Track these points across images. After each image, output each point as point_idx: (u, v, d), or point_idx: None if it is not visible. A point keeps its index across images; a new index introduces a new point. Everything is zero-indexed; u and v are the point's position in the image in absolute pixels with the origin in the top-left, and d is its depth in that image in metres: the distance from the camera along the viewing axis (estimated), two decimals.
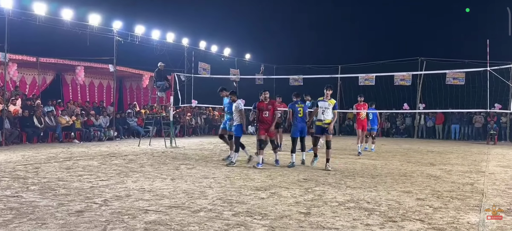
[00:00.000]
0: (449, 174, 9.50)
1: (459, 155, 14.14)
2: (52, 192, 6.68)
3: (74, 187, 7.08)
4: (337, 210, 5.80)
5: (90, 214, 5.29)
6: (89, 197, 6.34)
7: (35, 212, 5.34)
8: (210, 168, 9.84)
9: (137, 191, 6.87)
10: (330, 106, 10.06)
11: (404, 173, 9.48)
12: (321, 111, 10.05)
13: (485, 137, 21.70)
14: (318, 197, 6.64)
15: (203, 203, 6.03)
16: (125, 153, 13.03)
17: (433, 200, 6.58)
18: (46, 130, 16.57)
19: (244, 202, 6.14)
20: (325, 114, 10.01)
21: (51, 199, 6.13)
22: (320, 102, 10.13)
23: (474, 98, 19.63)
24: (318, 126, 10.15)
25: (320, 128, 10.12)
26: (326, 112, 10.00)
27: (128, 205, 5.87)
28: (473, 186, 7.98)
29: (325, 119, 10.01)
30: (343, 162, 11.55)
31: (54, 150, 13.59)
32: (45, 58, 17.95)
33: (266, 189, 7.24)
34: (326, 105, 10.05)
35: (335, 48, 30.15)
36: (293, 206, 5.95)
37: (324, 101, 10.12)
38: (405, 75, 23.55)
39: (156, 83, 16.93)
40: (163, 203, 5.99)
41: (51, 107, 17.72)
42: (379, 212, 5.69)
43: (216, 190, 7.07)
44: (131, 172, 8.98)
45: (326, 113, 10.00)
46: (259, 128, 10.40)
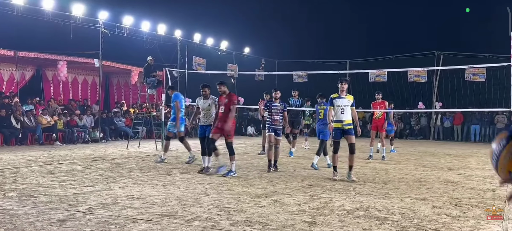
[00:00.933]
0: (469, 179, 9.50)
1: (480, 159, 14.14)
2: (32, 199, 6.67)
3: (56, 194, 7.07)
4: (345, 219, 5.80)
5: (73, 224, 5.29)
6: (72, 204, 6.33)
7: (12, 221, 5.34)
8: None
9: (125, 198, 6.87)
10: (349, 103, 9.24)
11: (419, 179, 9.48)
12: (340, 110, 9.18)
13: None
14: (324, 204, 6.64)
15: (197, 211, 6.03)
16: (112, 156, 13.02)
17: (450, 208, 6.59)
18: (25, 130, 16.57)
19: (243, 210, 6.14)
20: (345, 114, 9.16)
21: (30, 207, 6.12)
22: (337, 100, 9.26)
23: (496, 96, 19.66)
24: (337, 129, 9.22)
25: (340, 131, 9.20)
26: (346, 111, 9.17)
27: (115, 213, 5.86)
28: (495, 192, 7.98)
29: (345, 119, 9.17)
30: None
31: (33, 152, 13.58)
32: (24, 52, 17.94)
33: (267, 196, 7.24)
34: (345, 102, 9.21)
35: (343, 41, 30.20)
36: (297, 215, 5.95)
37: (341, 98, 9.25)
38: (420, 71, 23.55)
39: (146, 80, 16.93)
40: (153, 211, 5.98)
41: (30, 106, 17.73)
42: (391, 221, 5.69)
43: (212, 197, 7.07)
44: (118, 177, 8.98)
45: (346, 112, 9.16)
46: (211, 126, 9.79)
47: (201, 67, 23.38)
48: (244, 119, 27.66)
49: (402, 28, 30.63)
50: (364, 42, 30.31)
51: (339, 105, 9.20)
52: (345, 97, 9.25)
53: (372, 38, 30.82)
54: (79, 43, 18.92)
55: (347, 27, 31.44)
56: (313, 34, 32.32)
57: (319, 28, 32.18)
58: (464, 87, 22.68)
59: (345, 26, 31.50)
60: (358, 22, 31.90)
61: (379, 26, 31.66)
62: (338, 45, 29.86)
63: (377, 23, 31.81)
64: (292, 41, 31.12)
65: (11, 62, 18.69)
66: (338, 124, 9.19)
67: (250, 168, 10.85)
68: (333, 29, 31.59)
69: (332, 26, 31.52)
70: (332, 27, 31.58)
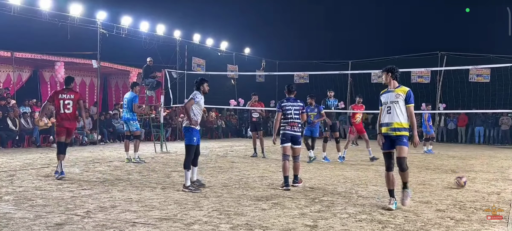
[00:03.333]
0: (473, 182, 9.49)
1: (484, 161, 14.13)
2: (29, 202, 6.67)
3: (53, 197, 7.07)
4: (347, 222, 5.80)
5: (71, 227, 5.29)
6: (70, 208, 6.33)
7: (9, 225, 5.33)
8: (205, 175, 9.82)
9: (124, 201, 6.86)
10: (400, 99, 6.83)
11: (423, 181, 9.47)
12: (386, 109, 6.91)
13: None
14: (326, 208, 6.64)
15: (197, 215, 6.02)
16: (110, 159, 13.02)
17: (454, 211, 6.58)
18: (21, 133, 16.58)
19: (243, 214, 6.13)
20: (394, 115, 6.80)
21: (27, 211, 6.12)
22: (384, 95, 7.05)
23: (501, 98, 19.66)
24: (386, 136, 6.86)
25: (389, 140, 6.82)
26: (395, 109, 6.81)
27: (113, 217, 5.86)
28: (499, 195, 7.97)
29: (394, 121, 6.79)
30: (354, 169, 11.55)
31: (30, 155, 13.58)
32: (21, 53, 17.95)
33: (268, 199, 7.24)
34: (393, 97, 6.87)
35: (345, 42, 30.16)
36: (298, 218, 5.95)
37: (390, 92, 6.97)
38: (423, 72, 23.55)
39: (144, 81, 16.93)
40: (152, 215, 5.98)
41: (27, 108, 17.72)
42: (394, 225, 5.69)
43: (212, 200, 7.07)
44: (116, 180, 8.97)
45: (395, 112, 6.80)
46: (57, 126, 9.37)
47: (200, 68, 23.39)
48: (245, 121, 27.65)
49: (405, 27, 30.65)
50: (367, 42, 30.29)
51: (385, 102, 6.96)
52: (394, 91, 6.93)
53: (374, 38, 30.82)
54: (76, 44, 18.93)
55: (349, 27, 31.45)
56: (315, 35, 32.33)
57: (321, 29, 32.17)
58: (468, 88, 22.66)
59: (347, 26, 31.51)
60: (360, 22, 31.93)
61: (381, 27, 31.67)
62: (340, 45, 29.86)
63: (380, 23, 31.82)
64: (293, 41, 31.16)
65: (7, 63, 18.69)
66: (385, 128, 6.86)
67: (250, 170, 10.85)
68: (335, 29, 31.58)
69: (334, 27, 31.52)
70: (334, 28, 31.58)
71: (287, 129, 8.42)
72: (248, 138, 25.24)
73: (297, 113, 8.49)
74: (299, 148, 8.56)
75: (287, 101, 8.59)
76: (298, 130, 8.48)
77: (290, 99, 8.64)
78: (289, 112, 8.45)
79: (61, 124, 9.31)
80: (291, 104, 8.52)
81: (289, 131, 8.41)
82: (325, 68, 23.45)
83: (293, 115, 8.44)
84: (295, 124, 8.43)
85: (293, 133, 8.43)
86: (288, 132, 8.42)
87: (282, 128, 8.53)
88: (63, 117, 9.28)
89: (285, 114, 8.46)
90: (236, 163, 12.38)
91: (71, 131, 9.52)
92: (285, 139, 8.42)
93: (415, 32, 30.05)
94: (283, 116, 8.48)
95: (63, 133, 9.32)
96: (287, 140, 8.41)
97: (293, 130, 8.42)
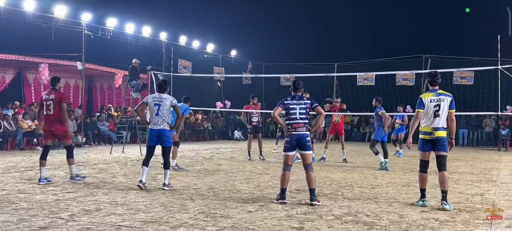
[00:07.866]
0: (457, 183, 9.60)
1: (468, 163, 14.30)
2: (12, 205, 6.60)
3: (37, 200, 7.00)
4: (333, 224, 5.83)
5: None
6: (54, 211, 6.28)
7: None
8: (191, 177, 9.81)
9: (109, 204, 6.82)
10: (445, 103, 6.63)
11: (407, 183, 9.55)
12: (432, 113, 6.65)
13: (496, 142, 21.98)
14: (312, 210, 6.67)
15: (183, 218, 6.01)
16: (95, 162, 12.93)
17: (439, 212, 6.65)
18: (5, 135, 16.39)
19: (230, 216, 6.13)
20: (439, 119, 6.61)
21: (10, 214, 6.05)
22: (427, 98, 6.78)
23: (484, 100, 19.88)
24: (426, 142, 6.72)
25: (430, 145, 6.70)
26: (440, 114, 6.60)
27: (98, 220, 5.82)
28: (483, 196, 8.07)
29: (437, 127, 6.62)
30: (340, 170, 11.61)
31: (14, 158, 13.43)
32: (4, 55, 17.74)
33: (254, 201, 7.24)
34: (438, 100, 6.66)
35: (331, 44, 30.33)
36: (285, 220, 5.96)
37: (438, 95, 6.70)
38: (408, 75, 23.78)
39: (130, 83, 16.83)
40: (138, 218, 5.95)
41: (10, 110, 17.51)
42: (379, 226, 5.73)
43: (198, 202, 7.06)
44: (101, 183, 8.91)
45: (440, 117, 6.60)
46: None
47: (186, 70, 23.32)
48: (231, 123, 27.63)
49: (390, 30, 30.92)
50: (352, 45, 30.47)
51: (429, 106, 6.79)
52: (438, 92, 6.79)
53: (360, 41, 31.00)
54: (61, 46, 18.74)
55: (335, 29, 31.63)
56: (301, 37, 32.41)
57: (307, 31, 32.31)
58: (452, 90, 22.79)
59: (333, 29, 31.69)
60: (346, 25, 32.12)
61: (367, 29, 31.89)
62: (326, 48, 30.01)
63: (365, 26, 32.04)
64: (279, 44, 31.20)
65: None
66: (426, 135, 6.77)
67: (236, 173, 10.84)
68: (321, 32, 31.75)
69: (320, 29, 31.69)
70: (320, 30, 31.75)
71: (291, 131, 7.21)
72: (234, 140, 25.26)
73: (303, 113, 7.23)
74: (309, 154, 7.22)
75: (292, 99, 7.33)
76: (304, 130, 7.24)
77: (295, 97, 7.36)
78: (294, 113, 7.22)
79: (43, 126, 9.05)
80: (297, 103, 7.26)
81: (293, 133, 7.18)
82: (311, 71, 23.51)
83: (298, 116, 7.20)
84: (300, 125, 7.19)
85: (299, 134, 7.17)
86: (293, 134, 7.19)
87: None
88: (45, 119, 8.96)
89: (289, 115, 7.28)
90: (223, 166, 12.37)
91: (58, 133, 9.01)
92: (289, 146, 7.21)
93: (400, 35, 30.35)
94: (287, 116, 7.35)
95: (48, 137, 9.04)
96: (292, 147, 7.21)
97: (298, 131, 7.18)
